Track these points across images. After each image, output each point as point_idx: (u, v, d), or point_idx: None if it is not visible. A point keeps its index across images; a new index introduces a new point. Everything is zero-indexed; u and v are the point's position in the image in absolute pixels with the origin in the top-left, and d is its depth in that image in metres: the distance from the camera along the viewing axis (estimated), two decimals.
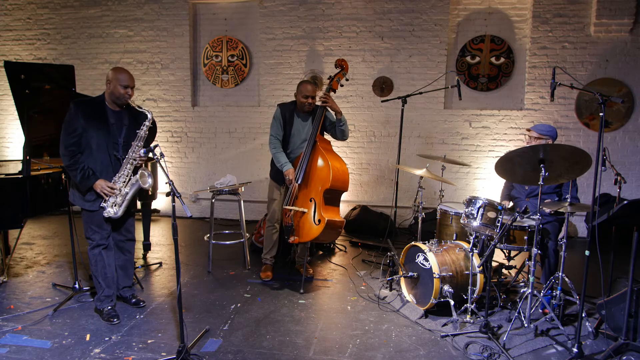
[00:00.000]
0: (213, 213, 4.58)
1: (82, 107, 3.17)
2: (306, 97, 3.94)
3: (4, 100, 7.07)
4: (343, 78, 4.11)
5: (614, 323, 3.03)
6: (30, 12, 6.87)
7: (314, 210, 3.80)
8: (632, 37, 5.59)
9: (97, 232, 3.26)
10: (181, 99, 6.68)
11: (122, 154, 3.28)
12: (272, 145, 4.04)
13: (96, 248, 3.27)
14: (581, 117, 5.80)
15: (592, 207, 2.84)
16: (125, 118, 3.32)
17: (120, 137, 3.27)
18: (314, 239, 3.80)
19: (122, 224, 3.47)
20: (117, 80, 3.18)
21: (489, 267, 3.31)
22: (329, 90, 4.02)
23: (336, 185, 3.78)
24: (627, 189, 5.52)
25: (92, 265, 3.31)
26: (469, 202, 3.45)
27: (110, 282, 3.36)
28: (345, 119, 4.06)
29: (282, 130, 4.05)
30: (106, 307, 3.33)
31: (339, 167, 3.83)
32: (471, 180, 6.10)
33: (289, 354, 2.91)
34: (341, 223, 3.84)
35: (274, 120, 4.06)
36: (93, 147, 3.17)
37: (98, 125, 3.18)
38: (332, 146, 4.06)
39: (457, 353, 2.94)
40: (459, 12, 6.01)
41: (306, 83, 3.99)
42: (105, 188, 3.14)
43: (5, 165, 4.77)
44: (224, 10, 6.53)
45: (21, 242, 5.14)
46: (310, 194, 3.87)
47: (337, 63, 4.14)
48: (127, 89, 3.20)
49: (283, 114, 4.04)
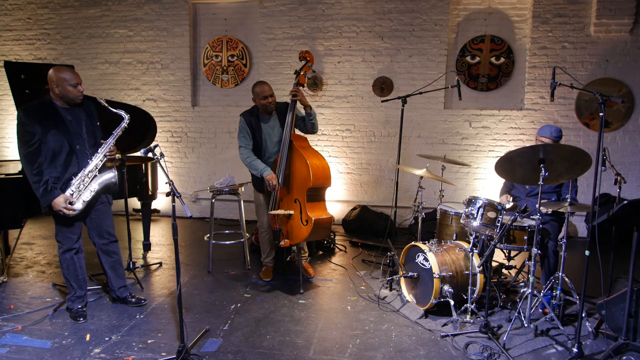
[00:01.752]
0: (213, 213, 4.58)
1: (32, 112, 3.05)
2: (265, 97, 3.84)
3: (4, 100, 7.07)
4: (309, 71, 4.01)
5: (614, 323, 3.03)
6: (30, 12, 6.87)
7: (300, 211, 3.77)
8: (632, 37, 5.59)
9: (69, 236, 3.24)
10: (181, 99, 6.68)
11: (88, 148, 3.20)
12: (244, 156, 3.90)
13: (67, 252, 3.26)
14: (581, 117, 5.80)
15: (592, 207, 2.84)
16: (81, 112, 3.23)
17: (83, 131, 3.19)
18: (304, 239, 3.79)
19: (102, 228, 3.40)
20: (64, 81, 3.06)
21: (489, 267, 3.32)
22: (296, 85, 3.90)
23: (318, 182, 3.71)
24: (627, 189, 5.52)
25: (64, 269, 3.30)
26: (469, 202, 3.45)
27: (81, 283, 3.36)
28: (315, 113, 3.99)
29: (252, 139, 3.93)
30: (76, 307, 3.33)
31: (318, 164, 3.75)
32: (471, 180, 6.10)
33: (289, 354, 2.91)
34: (329, 219, 3.79)
35: (241, 132, 3.93)
36: (55, 149, 3.07)
37: (55, 125, 3.07)
38: (308, 142, 3.98)
39: (457, 353, 2.94)
40: (459, 12, 6.01)
41: (261, 84, 3.89)
42: (62, 210, 3.03)
43: (5, 165, 4.77)
44: (224, 10, 6.53)
45: (21, 242, 5.14)
46: (293, 195, 3.83)
47: (301, 55, 4.01)
48: (77, 87, 3.11)
49: (248, 122, 3.92)
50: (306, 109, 3.92)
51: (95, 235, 3.39)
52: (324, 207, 3.87)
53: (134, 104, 6.04)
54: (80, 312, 3.31)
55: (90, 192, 3.17)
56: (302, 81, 3.96)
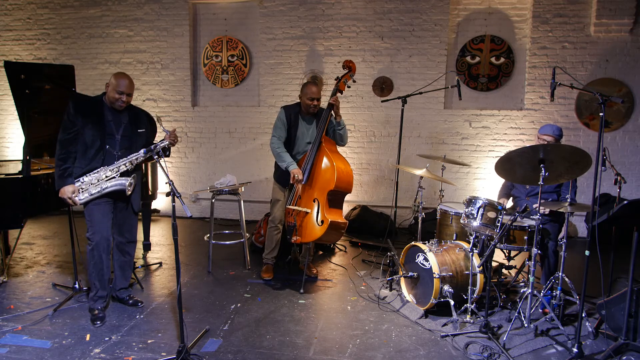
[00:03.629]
0: (213, 213, 4.58)
1: (80, 105, 3.20)
2: (312, 99, 3.92)
3: (4, 100, 7.07)
4: (350, 79, 4.07)
5: (614, 323, 3.03)
6: (30, 12, 6.87)
7: (317, 211, 3.79)
8: (632, 37, 5.59)
9: (98, 231, 3.25)
10: (181, 99, 6.68)
11: (118, 150, 3.28)
12: (275, 145, 3.97)
13: (96, 250, 3.26)
14: (581, 117, 5.80)
15: (592, 207, 2.84)
16: (125, 116, 3.33)
17: (118, 133, 3.28)
18: (316, 239, 3.80)
19: (124, 226, 3.48)
20: (113, 85, 3.20)
21: (489, 267, 3.31)
22: (335, 91, 3.98)
23: (340, 186, 3.78)
24: (627, 189, 5.53)
25: (90, 267, 3.30)
26: (469, 202, 3.45)
27: (105, 283, 3.36)
28: (344, 124, 4.05)
29: (287, 132, 4.00)
30: (97, 307, 3.33)
31: (343, 168, 3.82)
32: (471, 180, 6.10)
33: (289, 354, 2.91)
34: (344, 224, 3.83)
35: (278, 122, 4.01)
36: (88, 143, 3.18)
37: (94, 121, 3.19)
38: (337, 147, 4.06)
39: (457, 353, 2.94)
40: (459, 12, 6.01)
41: (311, 84, 3.95)
42: (66, 199, 3.14)
43: (5, 165, 4.77)
44: (224, 10, 6.53)
45: (21, 242, 5.14)
46: (314, 194, 3.86)
47: (345, 64, 4.11)
48: (121, 95, 3.20)
49: (288, 116, 3.99)
50: (336, 117, 3.98)
51: (116, 231, 3.46)
52: (340, 213, 3.92)
53: (133, 104, 6.03)
54: (99, 316, 3.29)
55: (101, 189, 3.19)
56: (341, 88, 4.04)
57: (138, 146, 3.33)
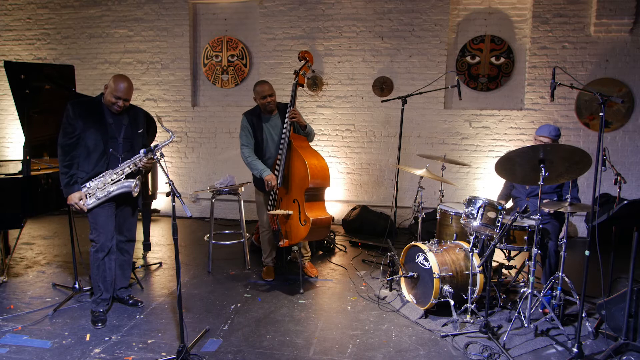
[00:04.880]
0: (213, 213, 4.58)
1: (79, 107, 3.16)
2: (264, 97, 3.88)
3: (4, 100, 7.07)
4: (309, 71, 4.03)
5: (614, 323, 3.03)
6: (30, 12, 6.87)
7: (299, 212, 3.76)
8: (632, 37, 5.59)
9: (102, 233, 3.24)
10: (181, 99, 6.68)
11: (121, 152, 3.28)
12: (245, 154, 3.94)
13: (100, 252, 3.26)
14: (581, 117, 5.80)
15: (592, 207, 2.84)
16: (124, 118, 3.32)
17: (120, 136, 3.27)
18: (303, 239, 3.79)
19: (124, 225, 3.48)
20: (111, 89, 3.16)
21: (489, 267, 3.31)
22: (296, 85, 3.94)
23: (316, 182, 3.71)
24: (627, 189, 5.53)
25: (93, 269, 3.29)
26: (469, 202, 3.45)
27: (108, 286, 3.36)
28: (310, 126, 4.03)
29: (253, 138, 3.97)
30: (99, 310, 3.32)
31: (316, 163, 3.75)
32: (471, 180, 6.10)
33: (289, 354, 2.91)
34: (328, 220, 3.79)
35: (242, 130, 3.97)
36: (90, 147, 3.17)
37: (95, 125, 3.17)
38: (308, 142, 3.98)
39: (457, 353, 2.94)
40: (459, 12, 6.01)
41: (262, 84, 3.93)
42: (74, 206, 3.15)
43: (5, 165, 4.77)
44: (224, 10, 6.53)
45: (21, 242, 5.14)
46: (292, 195, 3.83)
47: (301, 56, 4.04)
48: (117, 100, 3.17)
49: (250, 121, 3.96)
50: (302, 128, 3.96)
51: (116, 230, 3.44)
52: (323, 207, 3.86)
53: (133, 104, 6.03)
54: (100, 317, 3.28)
55: (108, 193, 3.19)
56: (301, 81, 3.98)
57: (139, 147, 3.34)
